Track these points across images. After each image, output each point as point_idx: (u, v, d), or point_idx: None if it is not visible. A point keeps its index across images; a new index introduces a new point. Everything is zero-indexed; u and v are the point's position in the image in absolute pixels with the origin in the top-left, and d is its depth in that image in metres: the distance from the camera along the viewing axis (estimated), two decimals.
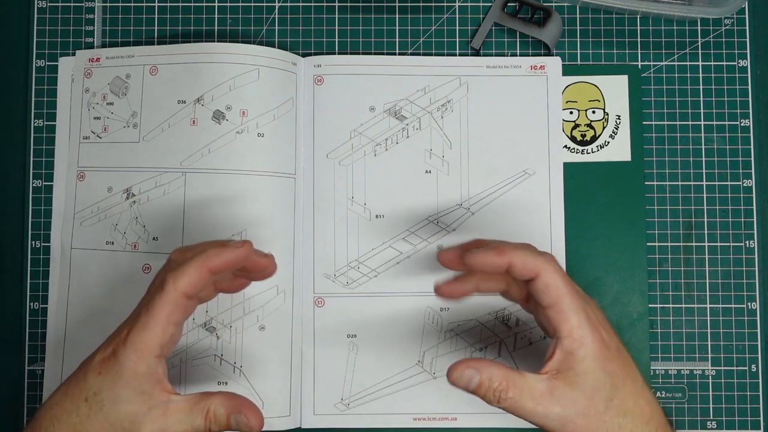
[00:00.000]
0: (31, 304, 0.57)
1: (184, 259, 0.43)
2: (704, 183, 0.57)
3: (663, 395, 0.56)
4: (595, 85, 0.58)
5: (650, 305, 0.56)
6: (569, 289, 0.43)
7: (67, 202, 0.56)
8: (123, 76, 0.57)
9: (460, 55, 0.58)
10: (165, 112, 0.56)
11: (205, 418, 0.42)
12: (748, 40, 0.58)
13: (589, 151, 0.57)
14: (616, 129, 0.57)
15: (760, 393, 0.56)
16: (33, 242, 0.57)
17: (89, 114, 0.57)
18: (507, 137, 0.56)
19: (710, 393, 0.56)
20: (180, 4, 0.59)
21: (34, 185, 0.58)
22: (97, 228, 0.56)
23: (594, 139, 0.57)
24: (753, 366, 0.56)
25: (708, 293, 0.56)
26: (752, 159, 0.57)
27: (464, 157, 0.56)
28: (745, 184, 0.57)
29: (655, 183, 0.57)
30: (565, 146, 0.57)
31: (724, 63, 0.58)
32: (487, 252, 0.44)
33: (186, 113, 0.55)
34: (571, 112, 0.57)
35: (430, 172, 0.56)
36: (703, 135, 0.58)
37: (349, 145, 0.56)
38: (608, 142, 0.57)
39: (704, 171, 0.57)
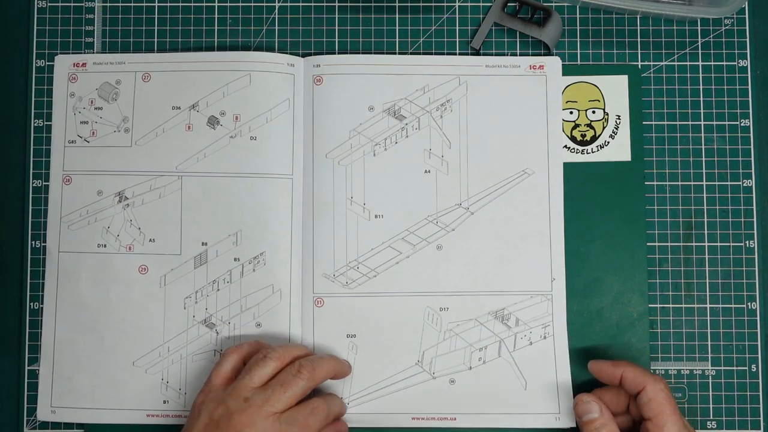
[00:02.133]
0: (31, 304, 0.57)
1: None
2: (704, 183, 0.57)
3: None
4: (595, 85, 0.58)
5: (650, 305, 0.56)
6: (672, 409, 0.48)
7: (53, 206, 0.57)
8: (113, 82, 0.57)
9: (460, 55, 0.58)
10: (159, 117, 0.56)
11: None
12: (748, 40, 0.58)
13: (589, 151, 0.57)
14: (616, 129, 0.57)
15: (760, 393, 0.56)
16: (33, 242, 0.57)
17: (75, 118, 0.57)
18: (506, 137, 0.56)
19: (710, 393, 0.56)
20: (180, 5, 0.59)
21: (34, 185, 0.58)
22: (87, 231, 0.56)
23: (594, 139, 0.57)
24: (753, 366, 0.56)
25: (708, 293, 0.56)
26: (752, 159, 0.57)
27: (463, 157, 0.56)
28: (745, 184, 0.57)
29: (655, 183, 0.57)
30: (565, 146, 0.57)
31: (724, 63, 0.58)
32: (605, 363, 0.51)
33: (181, 119, 0.56)
34: (571, 112, 0.57)
35: (429, 171, 0.56)
36: (703, 135, 0.58)
37: (348, 144, 0.56)
38: (608, 142, 0.57)
39: (704, 171, 0.57)
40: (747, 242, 0.57)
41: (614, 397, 0.52)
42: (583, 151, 0.57)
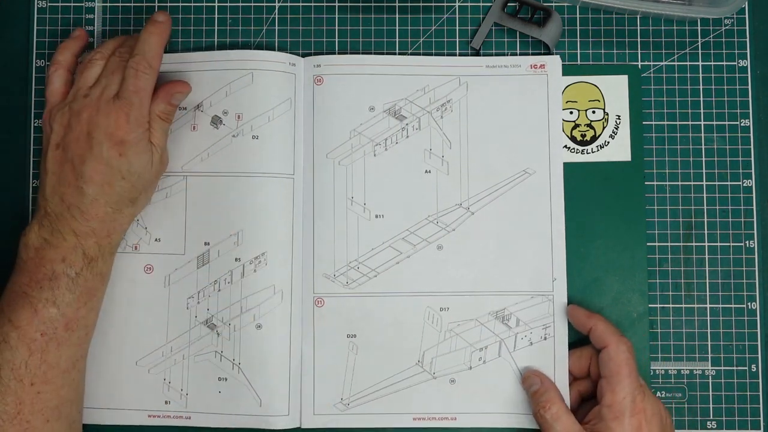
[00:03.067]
0: None
1: None
2: (704, 183, 0.57)
3: (663, 395, 0.56)
4: (595, 85, 0.58)
5: (650, 305, 0.56)
6: (628, 371, 0.50)
7: None
8: None
9: (460, 55, 0.58)
10: None
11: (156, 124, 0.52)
12: (748, 40, 0.58)
13: (589, 151, 0.57)
14: (616, 129, 0.57)
15: (760, 393, 0.56)
16: None
17: None
18: (507, 137, 0.56)
19: (710, 393, 0.56)
20: (180, 4, 0.59)
21: (34, 185, 0.58)
22: None
23: (594, 139, 0.57)
24: (753, 366, 0.56)
25: (708, 293, 0.56)
26: (752, 159, 0.57)
27: (464, 157, 0.56)
28: (745, 184, 0.57)
29: (655, 183, 0.57)
30: (565, 146, 0.57)
31: (724, 63, 0.58)
32: (582, 311, 0.54)
33: (187, 119, 0.56)
34: (571, 112, 0.57)
35: (429, 171, 0.56)
36: (703, 135, 0.58)
37: (349, 145, 0.56)
38: (608, 142, 0.57)
39: (704, 171, 0.57)
40: (747, 242, 0.57)
41: (576, 361, 0.54)
42: (583, 151, 0.57)
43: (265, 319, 0.55)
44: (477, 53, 0.58)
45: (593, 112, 0.57)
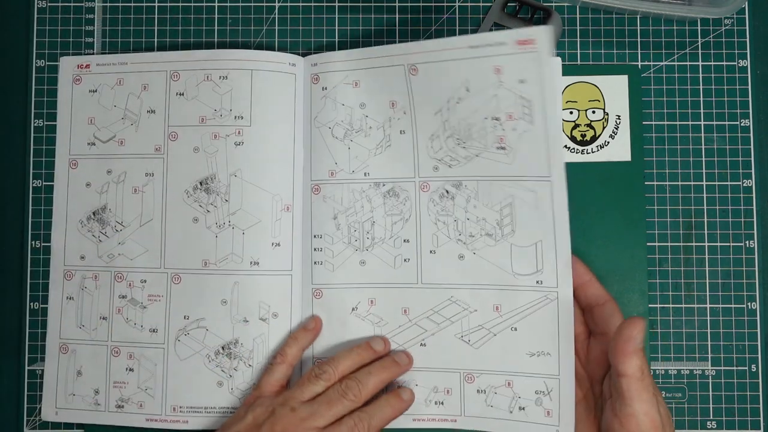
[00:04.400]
0: (31, 304, 0.57)
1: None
2: (704, 183, 0.57)
3: (663, 395, 0.56)
4: (595, 85, 0.58)
5: (650, 305, 0.56)
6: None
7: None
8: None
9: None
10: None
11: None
12: (748, 40, 0.58)
13: (589, 151, 0.57)
14: (616, 129, 0.57)
15: (760, 393, 0.56)
16: (33, 242, 0.57)
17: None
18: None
19: (710, 393, 0.56)
20: (180, 4, 0.59)
21: (34, 185, 0.58)
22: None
23: (594, 139, 0.57)
24: (753, 366, 0.56)
25: (708, 293, 0.56)
26: (752, 159, 0.57)
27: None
28: (745, 184, 0.57)
29: (655, 183, 0.57)
30: (565, 146, 0.57)
31: (724, 63, 0.58)
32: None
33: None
34: (571, 112, 0.57)
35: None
36: (703, 135, 0.58)
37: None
38: (608, 142, 0.57)
39: (704, 171, 0.57)
40: (747, 242, 0.57)
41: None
42: (583, 151, 0.57)
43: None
44: None
45: (593, 112, 0.57)
